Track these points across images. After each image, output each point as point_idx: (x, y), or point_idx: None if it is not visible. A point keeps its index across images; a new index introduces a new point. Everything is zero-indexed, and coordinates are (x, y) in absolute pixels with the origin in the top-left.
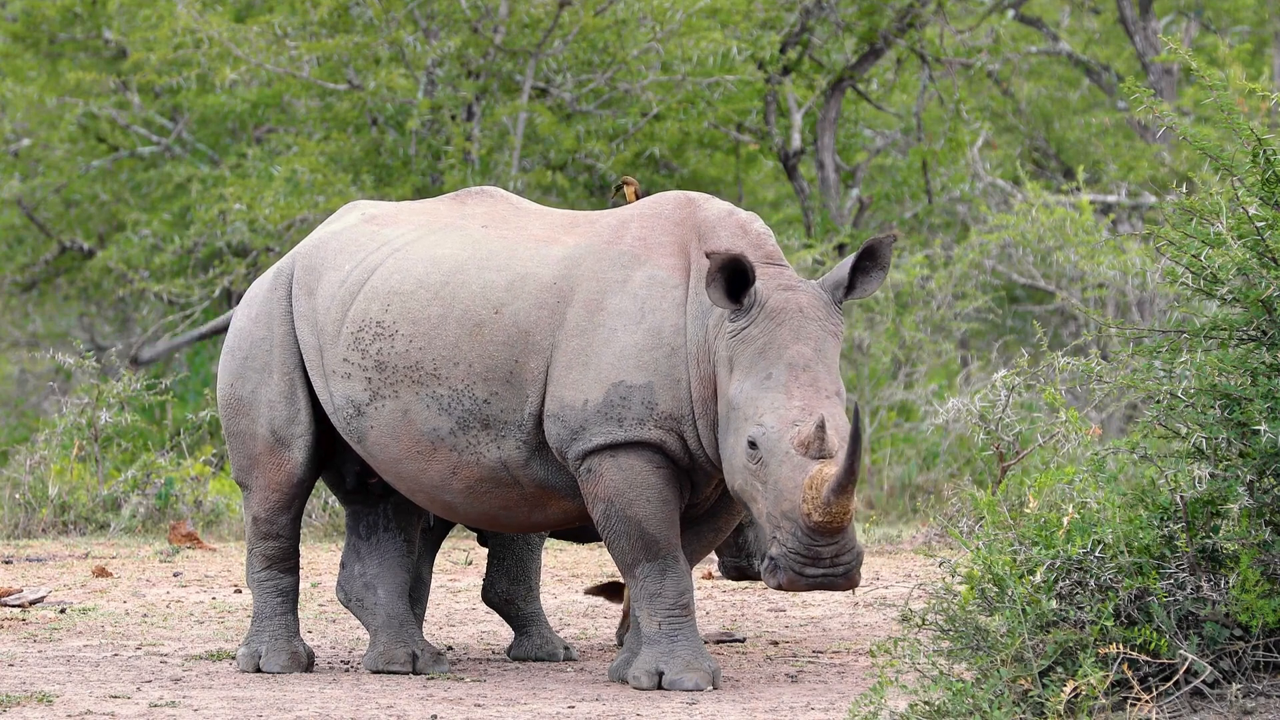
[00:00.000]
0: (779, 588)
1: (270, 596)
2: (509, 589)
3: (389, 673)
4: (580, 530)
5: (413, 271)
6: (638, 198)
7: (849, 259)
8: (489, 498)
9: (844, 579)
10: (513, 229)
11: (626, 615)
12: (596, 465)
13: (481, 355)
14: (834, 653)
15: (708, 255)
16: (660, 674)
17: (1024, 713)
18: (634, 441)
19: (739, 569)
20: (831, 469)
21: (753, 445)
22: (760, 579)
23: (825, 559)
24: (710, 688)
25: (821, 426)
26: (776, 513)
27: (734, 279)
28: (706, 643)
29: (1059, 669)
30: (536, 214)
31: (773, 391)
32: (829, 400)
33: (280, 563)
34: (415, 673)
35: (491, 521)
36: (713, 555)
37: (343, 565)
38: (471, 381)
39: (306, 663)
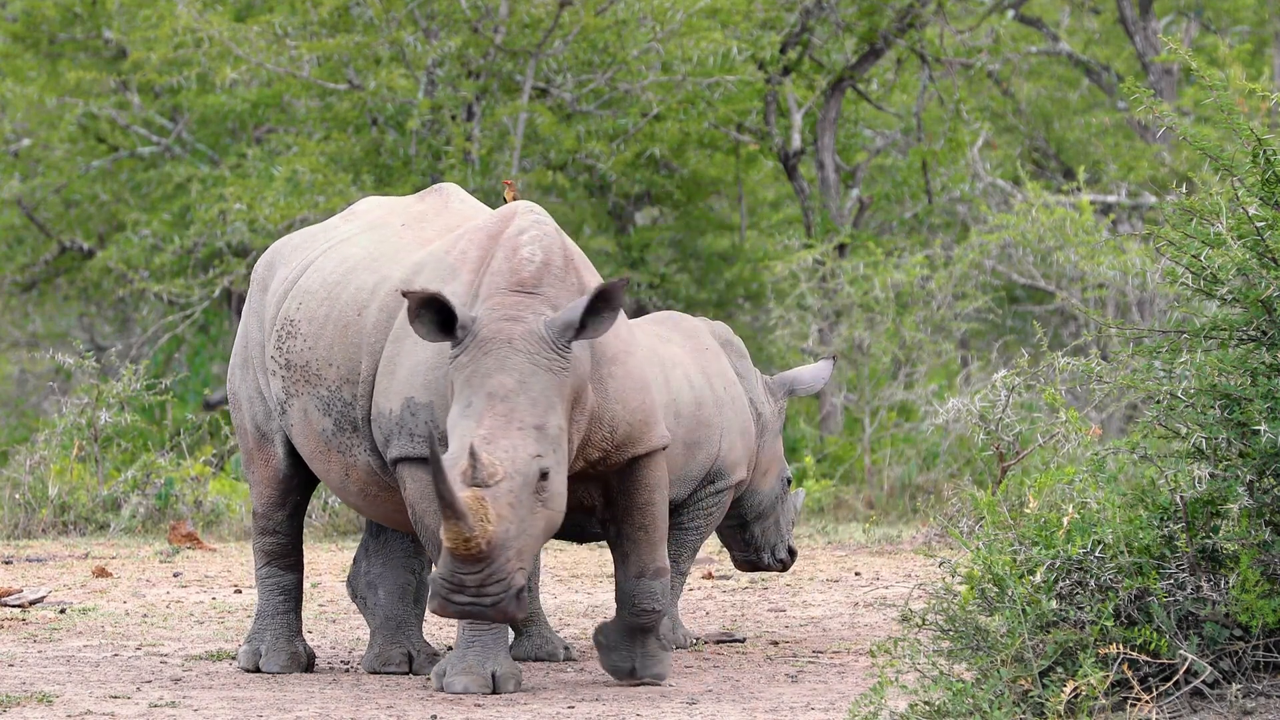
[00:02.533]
0: (434, 612)
1: (272, 594)
2: None
3: (386, 673)
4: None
5: (324, 270)
6: (516, 199)
7: (582, 300)
8: (380, 501)
9: (493, 609)
10: (415, 230)
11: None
12: (400, 472)
13: (346, 358)
14: (834, 653)
15: (403, 295)
16: (442, 674)
17: (1024, 713)
18: (425, 457)
19: (750, 562)
20: (464, 495)
21: None
22: (772, 569)
23: (469, 587)
24: (488, 691)
25: (471, 454)
26: (438, 539)
27: (444, 313)
28: (706, 643)
29: (1059, 669)
30: (448, 214)
31: (468, 420)
32: (520, 432)
33: (280, 559)
34: (411, 673)
35: (394, 524)
36: (711, 555)
37: (354, 562)
38: (340, 383)
39: (307, 663)
